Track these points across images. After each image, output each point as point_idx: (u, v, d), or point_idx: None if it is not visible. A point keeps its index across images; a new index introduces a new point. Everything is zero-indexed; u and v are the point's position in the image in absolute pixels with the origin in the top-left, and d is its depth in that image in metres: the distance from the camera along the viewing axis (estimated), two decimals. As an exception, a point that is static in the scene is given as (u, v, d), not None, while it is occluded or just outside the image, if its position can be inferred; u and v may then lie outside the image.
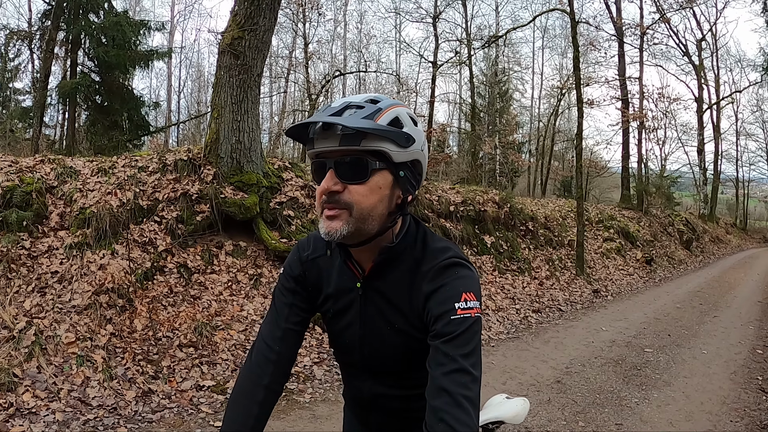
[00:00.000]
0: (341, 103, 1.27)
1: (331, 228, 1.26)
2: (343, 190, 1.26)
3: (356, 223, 1.27)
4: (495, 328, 7.57)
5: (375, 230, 1.31)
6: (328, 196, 1.26)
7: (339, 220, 1.26)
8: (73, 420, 3.81)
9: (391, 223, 1.35)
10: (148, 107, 15.65)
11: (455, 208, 9.85)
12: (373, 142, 1.25)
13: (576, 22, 12.51)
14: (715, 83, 29.29)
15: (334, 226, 1.26)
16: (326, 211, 1.27)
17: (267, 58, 7.82)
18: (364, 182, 1.27)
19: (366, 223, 1.29)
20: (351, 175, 1.26)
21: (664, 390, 5.38)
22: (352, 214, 1.26)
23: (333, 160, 1.26)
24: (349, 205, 1.26)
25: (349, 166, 1.26)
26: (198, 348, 5.06)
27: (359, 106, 1.26)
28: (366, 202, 1.27)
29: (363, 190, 1.27)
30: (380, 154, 1.27)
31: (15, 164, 5.85)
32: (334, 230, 1.26)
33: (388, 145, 1.27)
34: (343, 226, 1.26)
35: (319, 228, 1.31)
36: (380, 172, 1.28)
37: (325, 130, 1.24)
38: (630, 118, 20.99)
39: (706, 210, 28.23)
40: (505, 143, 24.84)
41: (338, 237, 1.27)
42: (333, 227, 1.26)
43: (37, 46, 14.42)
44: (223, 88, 6.74)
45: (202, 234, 6.37)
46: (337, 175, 1.25)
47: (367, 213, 1.28)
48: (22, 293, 4.74)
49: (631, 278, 13.23)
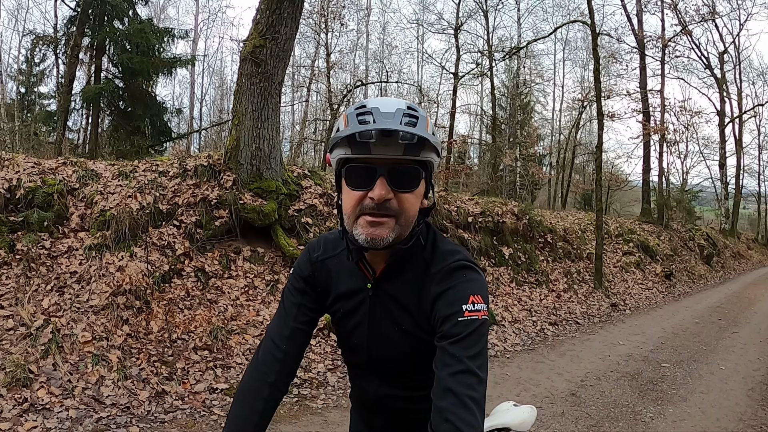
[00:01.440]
0: (395, 109, 1.26)
1: (376, 235, 1.26)
2: (392, 197, 1.26)
3: (400, 230, 1.29)
4: (511, 340, 7.52)
5: (407, 235, 1.33)
6: (378, 203, 1.25)
7: (386, 228, 1.27)
8: (86, 417, 3.86)
9: (419, 228, 1.36)
10: (171, 114, 15.86)
11: (474, 219, 9.82)
12: (428, 153, 1.28)
13: (597, 34, 12.46)
14: (738, 96, 28.84)
15: (380, 233, 1.26)
16: (369, 218, 1.27)
17: (288, 66, 7.89)
18: (414, 191, 1.29)
19: (406, 230, 1.31)
20: (403, 183, 1.27)
21: (679, 405, 5.29)
22: (398, 222, 1.28)
23: (387, 168, 1.25)
24: (398, 213, 1.27)
25: (403, 174, 1.26)
26: (213, 351, 5.09)
27: (411, 114, 1.26)
28: (413, 209, 1.30)
29: (412, 198, 1.29)
30: (427, 163, 1.30)
31: (37, 166, 5.96)
32: (380, 237, 1.26)
33: (434, 155, 1.30)
34: (390, 233, 1.27)
35: (354, 234, 1.29)
36: (422, 180, 1.31)
37: (385, 136, 1.22)
38: (651, 131, 20.77)
39: (727, 225, 27.76)
40: (525, 155, 24.65)
41: (384, 244, 1.27)
42: (379, 234, 1.26)
43: (62, 51, 14.73)
44: (244, 96, 6.82)
45: (220, 239, 6.42)
46: (390, 183, 1.25)
47: (410, 220, 1.31)
48: (41, 292, 4.82)
49: (650, 292, 13.05)
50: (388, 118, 1.23)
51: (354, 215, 1.29)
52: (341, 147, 1.28)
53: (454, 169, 22.78)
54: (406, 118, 1.24)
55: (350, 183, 1.29)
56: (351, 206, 1.29)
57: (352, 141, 1.24)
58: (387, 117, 1.23)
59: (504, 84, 28.22)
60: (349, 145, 1.26)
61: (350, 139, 1.24)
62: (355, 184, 1.28)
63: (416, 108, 1.30)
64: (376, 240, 1.27)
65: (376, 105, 1.26)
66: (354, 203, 1.28)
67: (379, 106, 1.26)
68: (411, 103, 1.31)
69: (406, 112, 1.25)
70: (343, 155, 1.28)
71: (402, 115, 1.24)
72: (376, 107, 1.25)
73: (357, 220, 1.29)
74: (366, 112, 1.25)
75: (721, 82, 26.48)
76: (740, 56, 28.50)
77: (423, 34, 29.26)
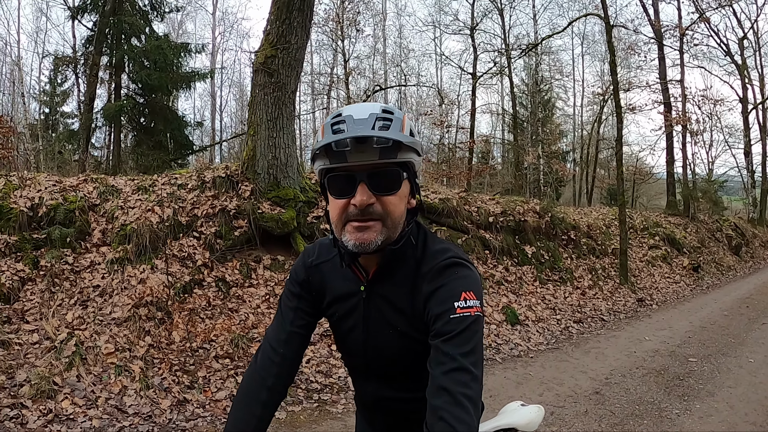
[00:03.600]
0: (368, 114, 1.27)
1: (364, 239, 1.28)
2: (375, 202, 1.28)
3: (387, 232, 1.30)
4: (534, 339, 7.45)
5: (396, 236, 1.34)
6: (362, 209, 1.27)
7: (373, 231, 1.28)
8: (109, 426, 3.93)
9: (408, 228, 1.37)
10: (192, 127, 16.11)
11: (495, 218, 9.76)
12: (406, 154, 1.29)
13: (611, 26, 12.31)
14: (760, 82, 28.14)
15: (368, 237, 1.28)
16: (356, 224, 1.28)
17: (301, 75, 7.96)
18: (396, 192, 1.30)
19: (394, 232, 1.32)
20: (384, 186, 1.28)
21: (707, 401, 5.18)
22: (385, 224, 1.29)
23: (365, 173, 1.27)
24: (383, 216, 1.29)
25: (382, 178, 1.28)
26: (234, 359, 5.14)
27: (385, 118, 1.27)
28: (398, 211, 1.31)
29: (395, 200, 1.30)
30: (407, 164, 1.31)
31: (59, 183, 6.10)
32: (369, 241, 1.28)
33: (413, 155, 1.31)
34: (378, 237, 1.29)
35: (343, 240, 1.31)
36: (405, 181, 1.32)
37: (360, 143, 1.23)
38: (673, 122, 20.44)
39: (755, 214, 27.11)
40: (548, 152, 24.45)
41: (373, 248, 1.29)
42: (367, 238, 1.28)
43: (82, 71, 15.06)
44: (258, 106, 6.90)
45: (240, 249, 6.49)
46: (370, 187, 1.27)
47: (397, 221, 1.32)
48: (64, 306, 4.93)
49: (677, 286, 12.82)
50: (361, 125, 1.25)
51: (341, 222, 1.31)
52: (321, 158, 1.31)
53: (477, 170, 22.69)
54: (380, 122, 1.26)
55: (333, 192, 1.31)
56: (337, 214, 1.32)
57: (329, 151, 1.27)
58: (360, 124, 1.25)
59: (524, 82, 28.05)
60: (327, 155, 1.28)
61: (327, 150, 1.27)
62: (338, 193, 1.30)
63: (392, 110, 1.31)
64: (364, 245, 1.28)
65: (350, 113, 1.29)
66: (339, 211, 1.31)
67: (352, 114, 1.28)
68: (387, 106, 1.33)
69: (379, 116, 1.27)
70: (323, 166, 1.31)
71: (375, 120, 1.26)
72: (350, 115, 1.28)
73: (344, 227, 1.31)
74: (340, 120, 1.28)
75: (742, 68, 25.90)
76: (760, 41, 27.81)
77: (440, 36, 29.27)
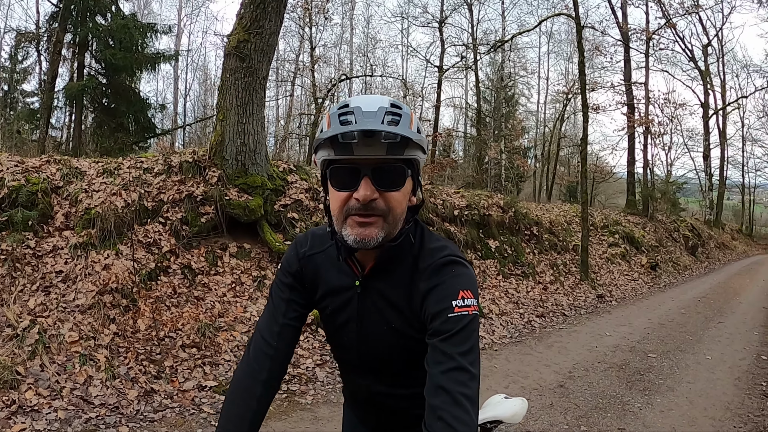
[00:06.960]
0: (377, 108, 1.24)
1: (365, 235, 1.26)
2: (378, 197, 1.25)
3: (389, 228, 1.28)
4: (498, 333, 7.56)
5: (397, 233, 1.32)
6: (364, 204, 1.24)
7: (374, 227, 1.26)
8: (74, 418, 3.83)
9: (408, 225, 1.36)
10: (155, 110, 15.69)
11: (460, 212, 9.84)
12: (413, 151, 1.27)
13: (581, 26, 12.50)
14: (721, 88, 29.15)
15: (369, 233, 1.26)
16: (358, 218, 1.26)
17: (273, 61, 7.84)
18: (400, 189, 1.28)
19: (395, 228, 1.30)
20: (388, 182, 1.26)
21: (667, 395, 5.35)
22: (386, 221, 1.27)
23: (370, 168, 1.24)
24: (385, 212, 1.26)
25: (387, 173, 1.25)
26: (201, 348, 5.07)
27: (394, 113, 1.24)
28: (400, 208, 1.29)
29: (398, 196, 1.28)
30: (412, 161, 1.29)
31: (21, 164, 5.88)
32: (370, 237, 1.26)
33: (419, 152, 1.29)
34: (379, 233, 1.26)
35: (343, 234, 1.28)
36: (408, 178, 1.30)
37: (367, 137, 1.20)
38: (636, 124, 20.92)
39: (711, 216, 28.11)
40: (510, 148, 24.74)
41: (373, 243, 1.27)
42: (368, 234, 1.26)
43: (45, 48, 14.51)
44: (228, 91, 6.77)
45: (206, 235, 6.38)
46: (374, 182, 1.24)
47: (399, 218, 1.30)
48: (26, 292, 4.77)
49: (636, 284, 13.18)
50: (370, 118, 1.21)
51: (342, 216, 1.29)
52: (325, 148, 1.27)
53: (439, 163, 22.79)
54: (389, 116, 1.23)
55: (335, 184, 1.29)
56: (338, 207, 1.29)
57: (334, 142, 1.23)
58: (369, 116, 1.22)
59: (488, 77, 28.31)
60: (332, 146, 1.25)
61: (333, 141, 1.23)
62: (340, 185, 1.27)
63: (400, 105, 1.28)
64: (365, 240, 1.26)
65: (358, 104, 1.25)
66: (340, 204, 1.28)
67: (361, 105, 1.24)
68: (395, 100, 1.30)
69: (389, 110, 1.24)
70: (327, 156, 1.27)
71: (384, 114, 1.23)
72: (359, 106, 1.24)
73: (345, 221, 1.28)
74: (348, 111, 1.24)
75: (705, 74, 26.72)
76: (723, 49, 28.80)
77: (408, 28, 29.30)
